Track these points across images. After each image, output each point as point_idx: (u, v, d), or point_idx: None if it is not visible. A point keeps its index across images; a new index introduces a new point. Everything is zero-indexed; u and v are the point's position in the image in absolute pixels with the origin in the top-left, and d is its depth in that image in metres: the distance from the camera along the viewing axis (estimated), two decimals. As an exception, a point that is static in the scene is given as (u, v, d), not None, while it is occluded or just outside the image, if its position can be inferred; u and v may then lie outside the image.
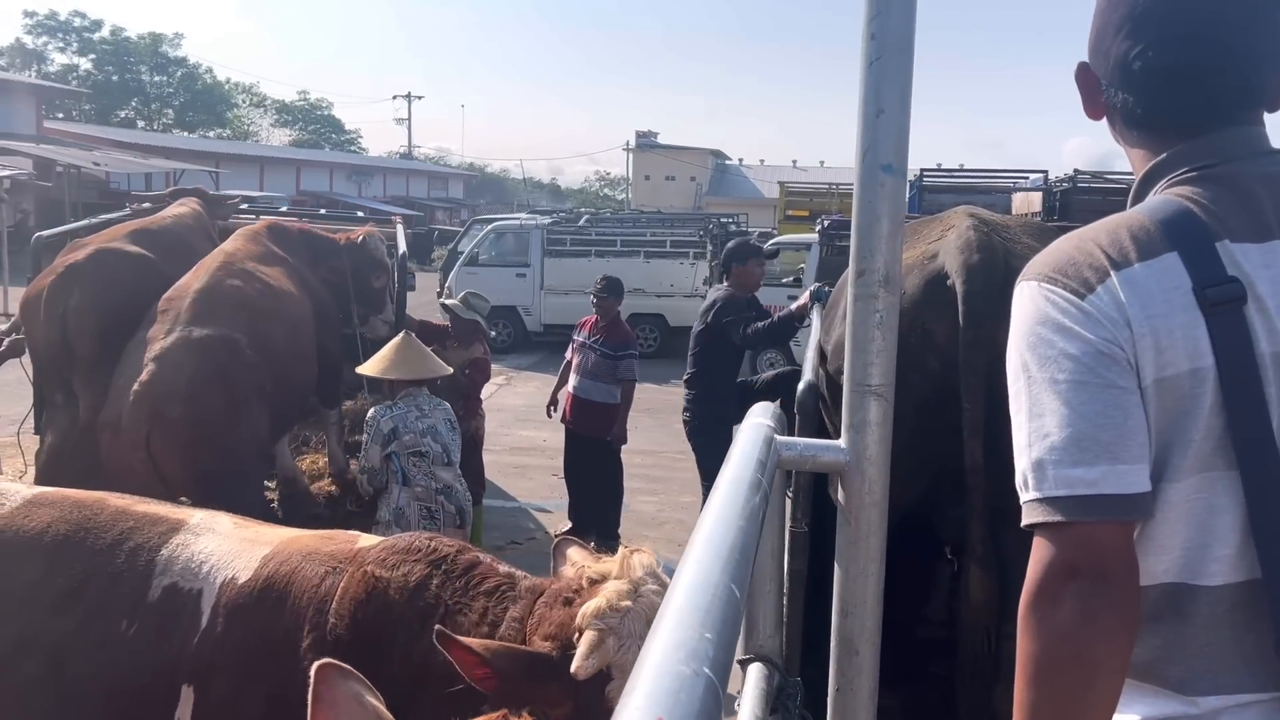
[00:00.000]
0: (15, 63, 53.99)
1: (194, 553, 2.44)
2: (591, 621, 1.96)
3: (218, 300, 4.93)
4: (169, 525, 2.52)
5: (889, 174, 1.82)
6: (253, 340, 4.84)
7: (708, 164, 59.44)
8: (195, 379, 4.57)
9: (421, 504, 4.80)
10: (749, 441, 1.84)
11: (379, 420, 4.81)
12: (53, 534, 2.47)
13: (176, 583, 2.39)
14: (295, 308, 5.43)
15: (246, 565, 2.39)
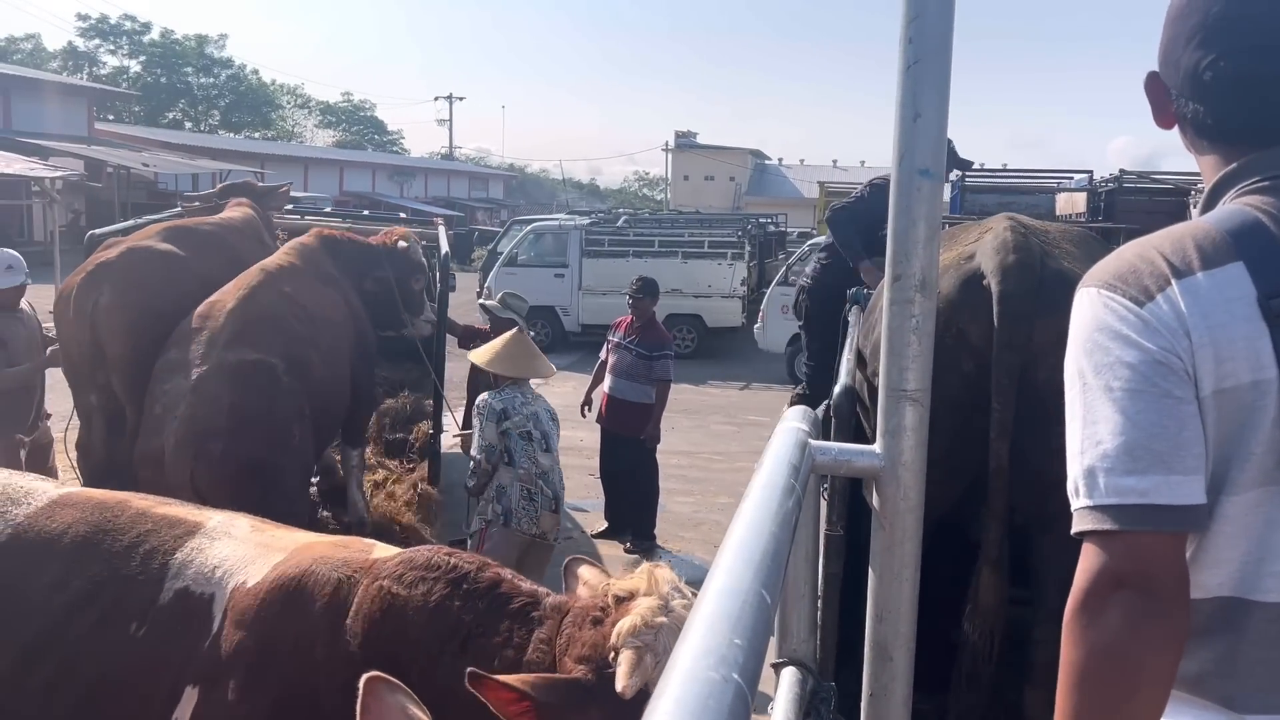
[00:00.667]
0: (68, 66, 55.11)
1: (208, 557, 2.41)
2: (628, 640, 1.92)
3: (253, 322, 4.78)
4: (186, 528, 2.49)
5: (926, 178, 1.81)
6: (290, 365, 4.73)
7: (747, 164, 59.25)
8: (235, 410, 4.46)
9: (523, 485, 4.99)
10: (782, 445, 1.84)
11: (490, 402, 5.04)
12: (72, 535, 2.47)
13: (188, 586, 2.37)
14: (332, 333, 5.29)
15: (258, 570, 2.36)
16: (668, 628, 1.96)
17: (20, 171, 19.23)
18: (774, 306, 14.69)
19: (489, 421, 4.98)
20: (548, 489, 5.05)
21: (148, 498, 2.67)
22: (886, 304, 1.88)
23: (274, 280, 5.16)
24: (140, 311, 5.08)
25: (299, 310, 5.07)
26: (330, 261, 5.71)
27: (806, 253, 15.65)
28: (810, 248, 15.87)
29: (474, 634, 2.11)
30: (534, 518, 5.01)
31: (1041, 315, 2.67)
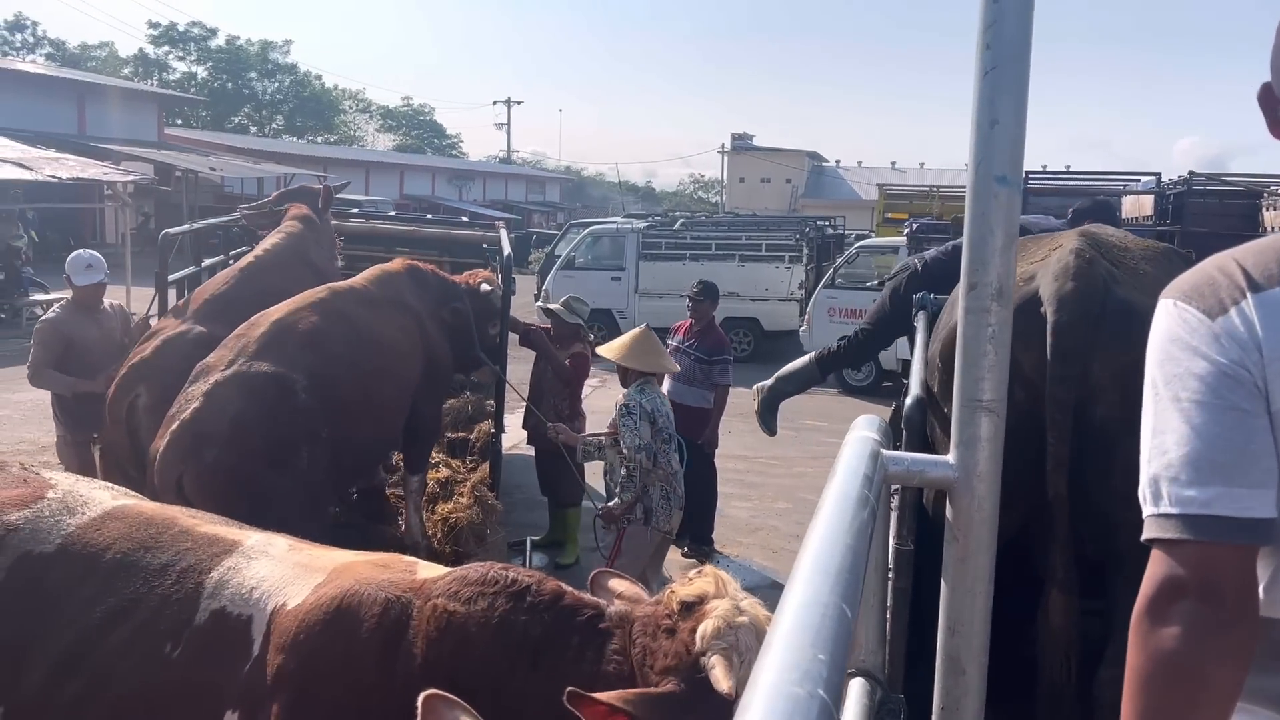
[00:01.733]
0: (139, 72, 56.55)
1: (245, 578, 2.36)
2: (713, 643, 1.92)
3: (288, 335, 4.64)
4: (222, 547, 2.44)
5: (1003, 186, 1.79)
6: (313, 382, 4.52)
7: (804, 166, 58.88)
8: (240, 421, 4.27)
9: (663, 485, 5.10)
10: (854, 455, 1.83)
11: (639, 401, 5.09)
12: (115, 550, 2.44)
13: (225, 607, 2.31)
14: (382, 360, 5.05)
15: (298, 592, 2.28)
16: (746, 627, 1.96)
17: (95, 176, 19.77)
18: (820, 309, 14.57)
19: (643, 421, 5.04)
20: (680, 488, 5.19)
21: (196, 515, 2.65)
22: (961, 313, 1.85)
23: (333, 299, 5.05)
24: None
25: (347, 331, 4.89)
26: (412, 291, 5.58)
27: (854, 255, 15.58)
28: (859, 249, 15.80)
29: (544, 649, 2.05)
30: (669, 515, 5.14)
31: (1101, 350, 2.53)
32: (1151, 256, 2.92)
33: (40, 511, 2.55)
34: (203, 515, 2.67)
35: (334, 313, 4.93)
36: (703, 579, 2.10)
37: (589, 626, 2.08)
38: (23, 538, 2.49)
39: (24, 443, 8.39)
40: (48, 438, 5.94)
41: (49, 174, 17.92)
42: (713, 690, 1.86)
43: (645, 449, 5.01)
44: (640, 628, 2.04)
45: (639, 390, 5.18)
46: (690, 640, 1.93)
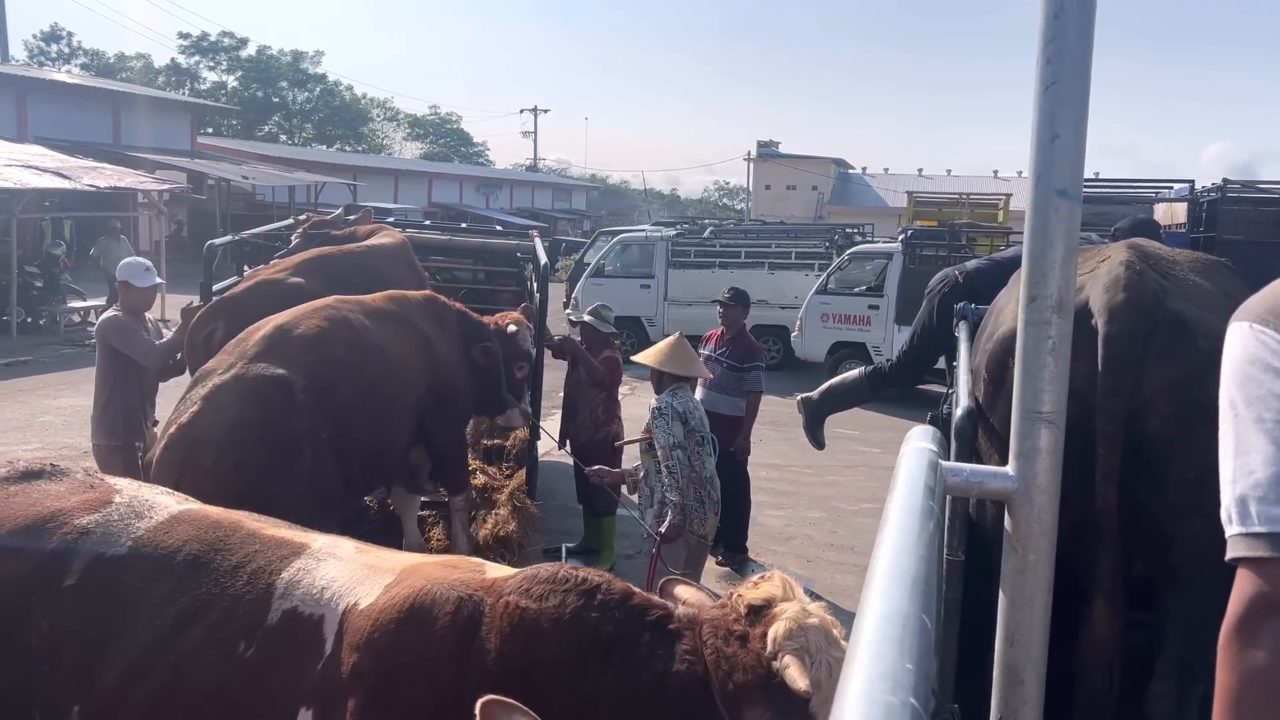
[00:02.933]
0: (172, 82, 57.23)
1: (315, 578, 2.40)
2: (785, 644, 1.97)
3: (288, 337, 4.61)
4: (291, 549, 2.49)
5: (1064, 199, 1.81)
6: (312, 384, 4.46)
7: (830, 173, 58.66)
8: (239, 424, 4.23)
9: (696, 489, 5.12)
10: (915, 466, 1.84)
11: (672, 403, 5.16)
12: (186, 553, 2.49)
13: (297, 607, 2.35)
14: (383, 364, 4.96)
15: (369, 592, 2.32)
16: (815, 628, 2.00)
17: (132, 185, 20.03)
18: (813, 315, 14.58)
19: (675, 421, 5.10)
20: (714, 493, 5.22)
21: (261, 519, 2.69)
22: (1021, 325, 1.87)
23: (338, 305, 5.01)
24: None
25: (348, 334, 4.85)
26: (424, 314, 5.49)
27: (846, 262, 15.56)
28: (851, 255, 15.79)
29: (615, 646, 2.09)
30: (702, 519, 5.15)
31: (1152, 362, 2.53)
32: (1201, 268, 2.90)
33: (110, 515, 2.60)
34: (267, 519, 2.72)
35: (336, 317, 4.89)
36: (769, 583, 2.15)
37: (659, 626, 2.13)
38: (95, 541, 2.54)
39: (65, 448, 8.51)
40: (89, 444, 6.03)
41: (87, 183, 18.16)
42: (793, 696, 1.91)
43: (680, 446, 5.05)
44: (710, 630, 2.08)
45: (670, 394, 5.24)
46: (762, 645, 1.97)
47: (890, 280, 14.13)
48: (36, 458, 8.47)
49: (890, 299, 13.95)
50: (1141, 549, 2.58)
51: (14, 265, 16.01)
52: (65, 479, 2.80)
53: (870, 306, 14.18)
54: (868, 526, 7.97)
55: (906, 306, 13.53)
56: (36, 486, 2.75)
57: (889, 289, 14.10)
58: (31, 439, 9.21)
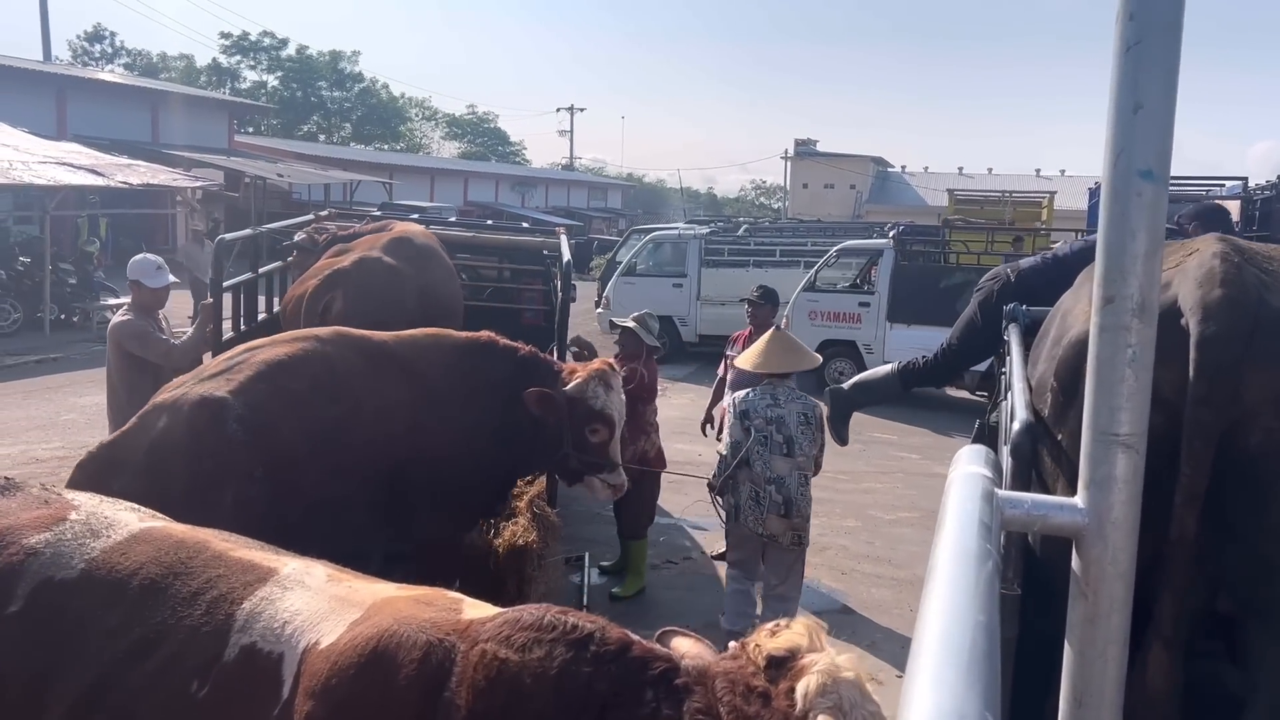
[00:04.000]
0: (213, 82, 57.80)
1: (278, 609, 2.14)
2: (818, 702, 1.69)
3: (245, 362, 4.21)
4: (257, 575, 2.24)
5: (1149, 181, 1.53)
6: (251, 414, 4.00)
7: (868, 171, 58.14)
8: (156, 447, 3.86)
9: (753, 486, 5.16)
10: (967, 498, 1.57)
11: (735, 401, 5.32)
12: (143, 576, 2.25)
13: (256, 643, 2.10)
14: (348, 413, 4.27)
15: (333, 629, 2.07)
16: (849, 683, 1.73)
17: (165, 182, 20.11)
18: (800, 312, 14.25)
19: (735, 419, 5.22)
20: (778, 494, 5.12)
21: (231, 539, 2.44)
22: (1095, 331, 1.58)
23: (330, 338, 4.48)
24: (367, 320, 5.04)
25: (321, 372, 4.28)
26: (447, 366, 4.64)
27: (833, 259, 15.28)
28: (838, 252, 15.43)
29: (612, 704, 1.82)
30: (760, 519, 5.13)
31: (1255, 366, 2.21)
32: None
33: (62, 534, 2.36)
34: (238, 539, 2.45)
35: (314, 350, 4.35)
36: (792, 631, 1.86)
37: (663, 681, 1.85)
38: (44, 562, 2.30)
39: (84, 447, 8.30)
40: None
41: (120, 180, 18.23)
42: None
43: (733, 448, 5.17)
44: (725, 685, 1.80)
45: (750, 391, 5.35)
46: (789, 703, 1.70)
47: (882, 277, 13.87)
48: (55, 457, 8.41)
49: (882, 296, 13.66)
50: (1233, 583, 2.26)
51: (48, 262, 16.08)
52: (19, 494, 2.57)
53: (861, 304, 13.94)
54: (905, 537, 7.65)
55: (899, 304, 13.34)
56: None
57: (881, 286, 13.85)
58: (54, 437, 9.13)
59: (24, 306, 15.71)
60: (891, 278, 13.59)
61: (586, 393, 4.69)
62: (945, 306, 12.86)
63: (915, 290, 13.28)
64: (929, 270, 13.95)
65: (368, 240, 6.23)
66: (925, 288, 13.16)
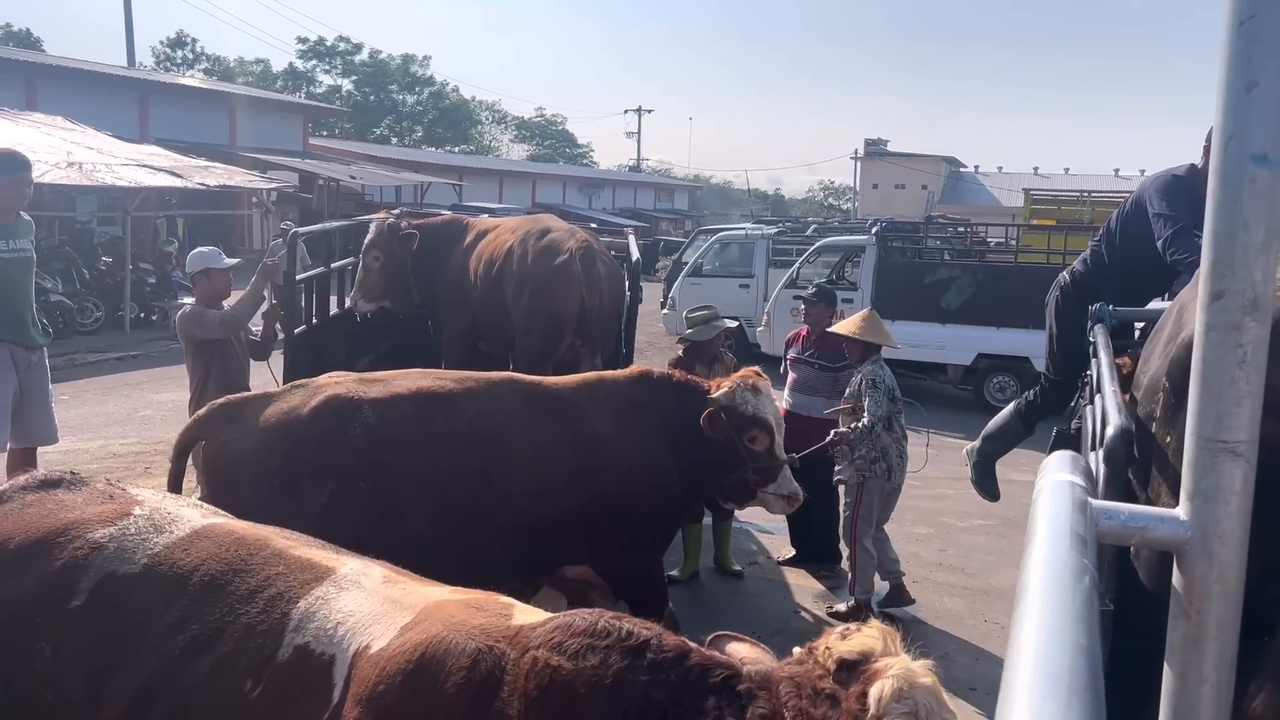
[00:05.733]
0: (289, 86, 59.07)
1: (332, 610, 2.11)
2: (892, 707, 1.60)
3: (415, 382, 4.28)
4: (315, 574, 2.21)
5: (1263, 166, 1.40)
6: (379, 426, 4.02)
7: (940, 171, 57.23)
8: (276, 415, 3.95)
9: (897, 446, 6.10)
10: (1060, 508, 1.47)
11: (882, 375, 6.01)
12: (203, 572, 2.24)
13: (309, 644, 2.07)
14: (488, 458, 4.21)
15: (383, 633, 2.03)
16: (926, 690, 1.63)
17: (240, 184, 20.54)
18: (781, 310, 14.18)
19: (884, 396, 5.91)
20: (905, 448, 6.17)
21: (292, 536, 2.42)
22: (1201, 330, 1.46)
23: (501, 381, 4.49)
24: (617, 284, 6.30)
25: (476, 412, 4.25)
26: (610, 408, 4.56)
27: (816, 255, 15.16)
28: (818, 249, 15.35)
29: (671, 714, 1.75)
30: (903, 471, 6.15)
31: None
32: None
33: (126, 529, 2.36)
34: (300, 537, 2.44)
35: (478, 395, 4.32)
36: (864, 634, 1.76)
37: (725, 689, 1.77)
38: (107, 557, 2.30)
39: (161, 443, 8.56)
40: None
41: (197, 182, 18.66)
42: None
43: (882, 420, 5.85)
44: (791, 689, 1.71)
45: (878, 366, 6.02)
46: (860, 706, 1.61)
47: (865, 273, 13.82)
48: (131, 452, 8.60)
49: (865, 293, 13.51)
50: None
51: (128, 261, 16.51)
52: (84, 488, 2.58)
53: (844, 300, 13.85)
54: (980, 545, 7.44)
55: (883, 299, 13.14)
56: (53, 496, 2.54)
57: (864, 282, 13.74)
58: (130, 433, 9.34)
59: (105, 305, 16.16)
60: (875, 273, 13.57)
61: (735, 400, 4.64)
62: (930, 302, 12.62)
63: (899, 286, 13.28)
64: (913, 266, 13.96)
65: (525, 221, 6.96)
66: (909, 283, 13.12)
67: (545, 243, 6.20)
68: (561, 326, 6.01)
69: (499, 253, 6.45)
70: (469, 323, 6.72)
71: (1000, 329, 12.70)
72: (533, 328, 6.07)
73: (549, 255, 6.08)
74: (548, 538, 4.33)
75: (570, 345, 6.13)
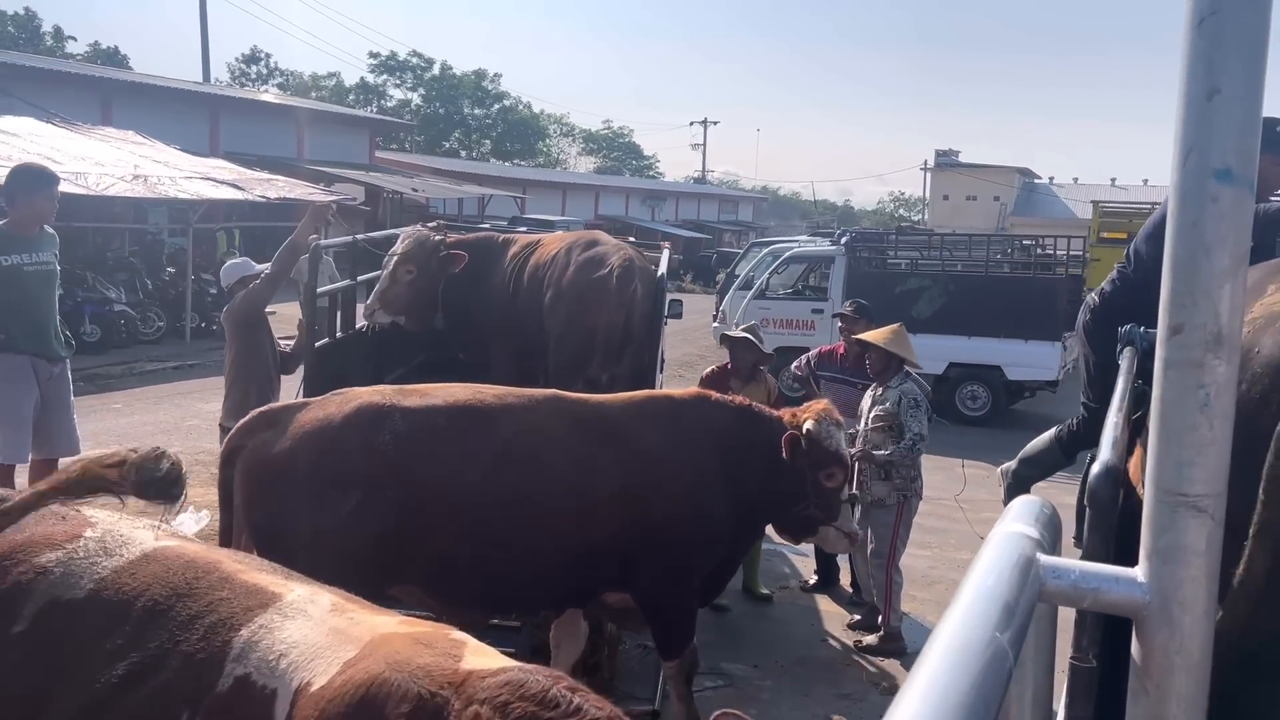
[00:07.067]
0: (360, 100, 60.15)
1: (275, 640, 2.01)
2: None
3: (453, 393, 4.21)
4: (260, 600, 2.11)
5: (1226, 183, 1.26)
6: (409, 435, 3.94)
7: (1013, 183, 56.02)
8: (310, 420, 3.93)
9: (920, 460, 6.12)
10: (996, 566, 1.32)
11: (918, 392, 6.03)
12: (147, 598, 2.15)
13: (250, 675, 1.98)
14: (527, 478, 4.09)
15: (326, 668, 1.92)
16: None
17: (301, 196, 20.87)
18: (749, 320, 13.73)
19: (923, 413, 5.93)
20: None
21: (245, 559, 2.34)
22: (1160, 367, 1.31)
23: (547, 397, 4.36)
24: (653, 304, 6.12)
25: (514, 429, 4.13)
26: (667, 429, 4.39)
27: (784, 266, 14.82)
28: (788, 259, 14.97)
29: None
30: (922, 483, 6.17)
31: None
32: None
33: (74, 553, 2.29)
34: (252, 560, 2.37)
35: (517, 411, 4.20)
36: None
37: None
38: (52, 582, 2.24)
39: (203, 453, 8.66)
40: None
41: (258, 194, 19.02)
42: None
43: (924, 439, 5.86)
44: None
45: (911, 382, 6.02)
46: None
47: (835, 283, 13.69)
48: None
49: (835, 303, 13.18)
50: None
51: (190, 272, 16.87)
52: (40, 510, 2.50)
53: (814, 310, 13.76)
54: (1024, 572, 7.15)
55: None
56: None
57: (834, 292, 13.59)
58: (175, 443, 9.45)
59: (167, 315, 16.54)
60: (845, 284, 13.42)
61: (821, 434, 4.46)
62: (901, 311, 12.38)
63: (869, 296, 12.83)
64: (883, 276, 13.81)
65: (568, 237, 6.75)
66: (880, 293, 12.74)
67: (588, 256, 6.12)
68: (593, 342, 5.93)
69: (544, 261, 6.39)
70: (517, 341, 6.64)
71: (971, 338, 12.87)
72: (565, 338, 5.99)
73: (590, 268, 5.99)
74: (588, 563, 4.18)
75: (601, 362, 6.06)
